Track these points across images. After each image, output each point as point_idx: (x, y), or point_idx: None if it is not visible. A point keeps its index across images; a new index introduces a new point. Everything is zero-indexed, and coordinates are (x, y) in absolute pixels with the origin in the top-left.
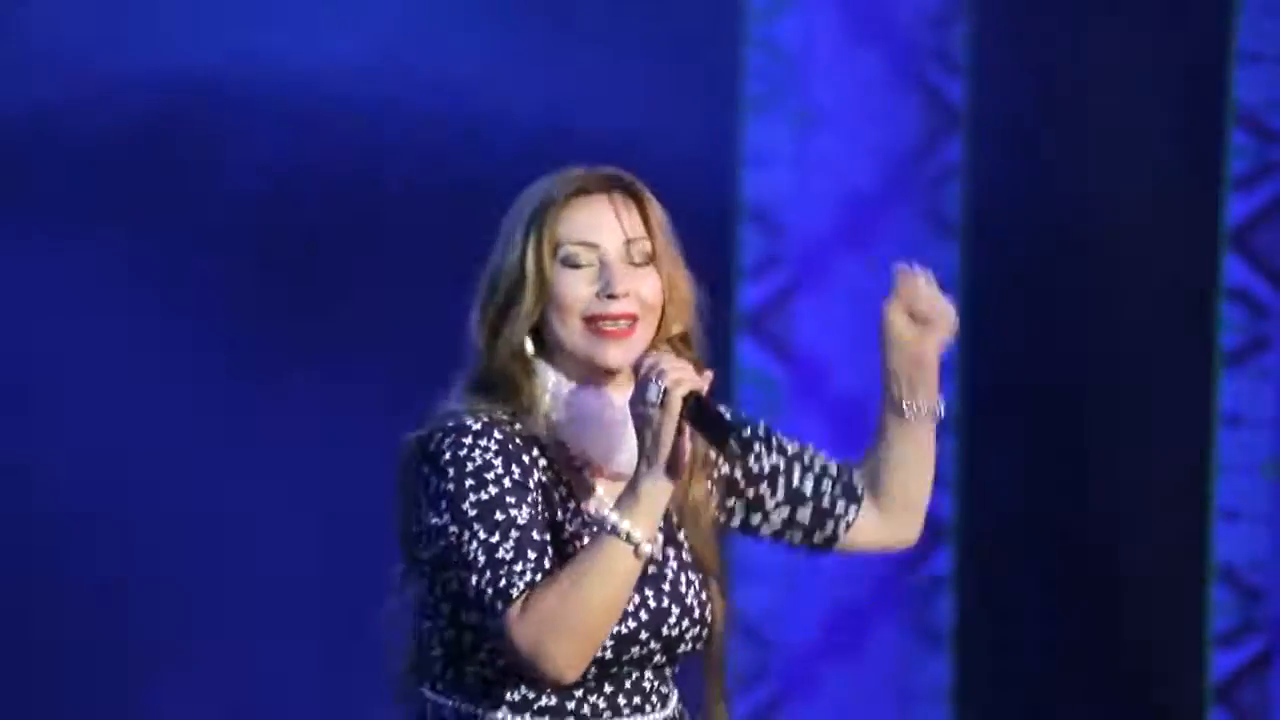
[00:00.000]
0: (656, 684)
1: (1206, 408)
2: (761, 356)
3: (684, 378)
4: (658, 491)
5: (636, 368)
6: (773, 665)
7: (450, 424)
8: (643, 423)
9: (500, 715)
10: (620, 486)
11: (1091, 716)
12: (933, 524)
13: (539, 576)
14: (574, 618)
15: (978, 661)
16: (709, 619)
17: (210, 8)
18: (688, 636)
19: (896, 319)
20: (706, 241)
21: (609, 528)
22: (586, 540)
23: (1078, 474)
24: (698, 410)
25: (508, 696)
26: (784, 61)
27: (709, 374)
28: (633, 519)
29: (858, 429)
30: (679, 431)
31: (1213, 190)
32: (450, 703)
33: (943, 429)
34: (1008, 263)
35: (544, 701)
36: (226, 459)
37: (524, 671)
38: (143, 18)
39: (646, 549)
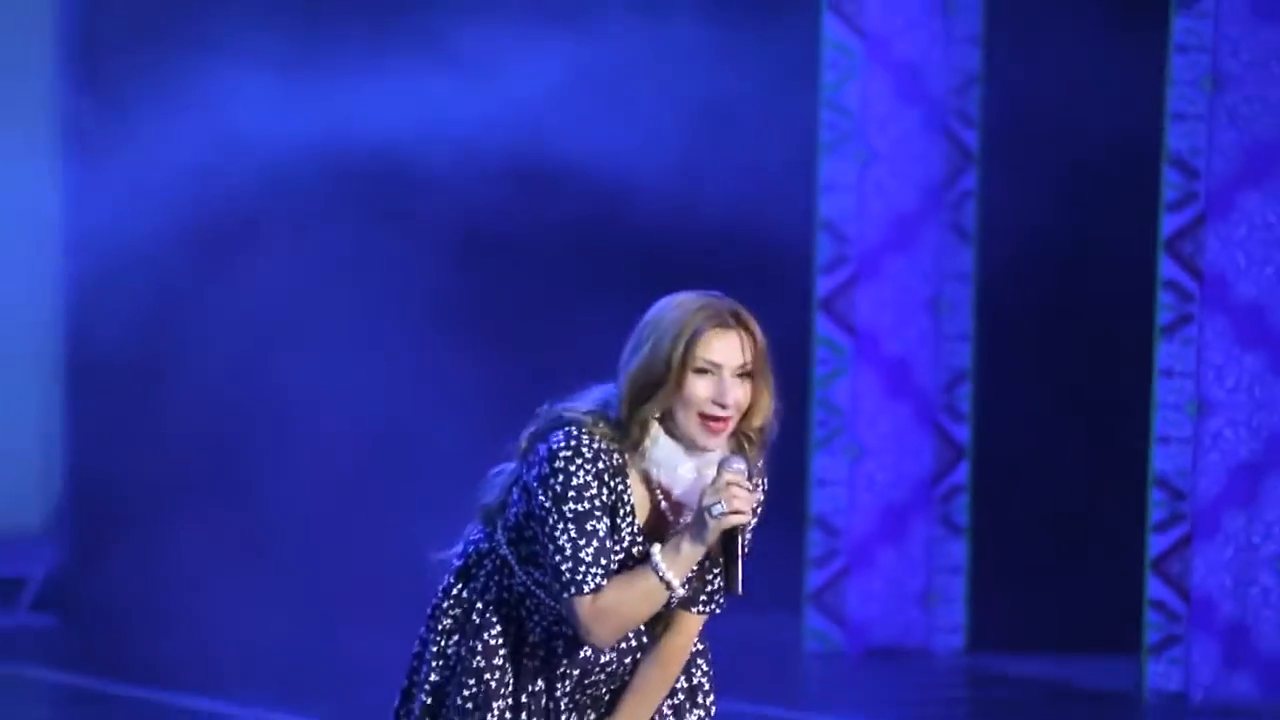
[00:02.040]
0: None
1: (1149, 364)
2: (833, 328)
3: (742, 513)
4: (694, 555)
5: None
6: (840, 548)
7: (576, 433)
8: (701, 516)
9: (527, 618)
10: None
11: (1068, 584)
12: (956, 447)
13: (606, 580)
14: (620, 616)
15: (985, 546)
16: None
17: (417, 94)
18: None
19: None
20: (795, 246)
21: (657, 570)
22: (636, 553)
23: (1061, 411)
24: (730, 539)
25: (545, 622)
26: (847, 117)
27: (759, 495)
28: (673, 569)
29: (901, 382)
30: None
31: (1153, 211)
32: (503, 592)
33: (961, 377)
34: (1009, 262)
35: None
36: (415, 396)
37: (577, 634)
38: (371, 100)
39: (677, 589)
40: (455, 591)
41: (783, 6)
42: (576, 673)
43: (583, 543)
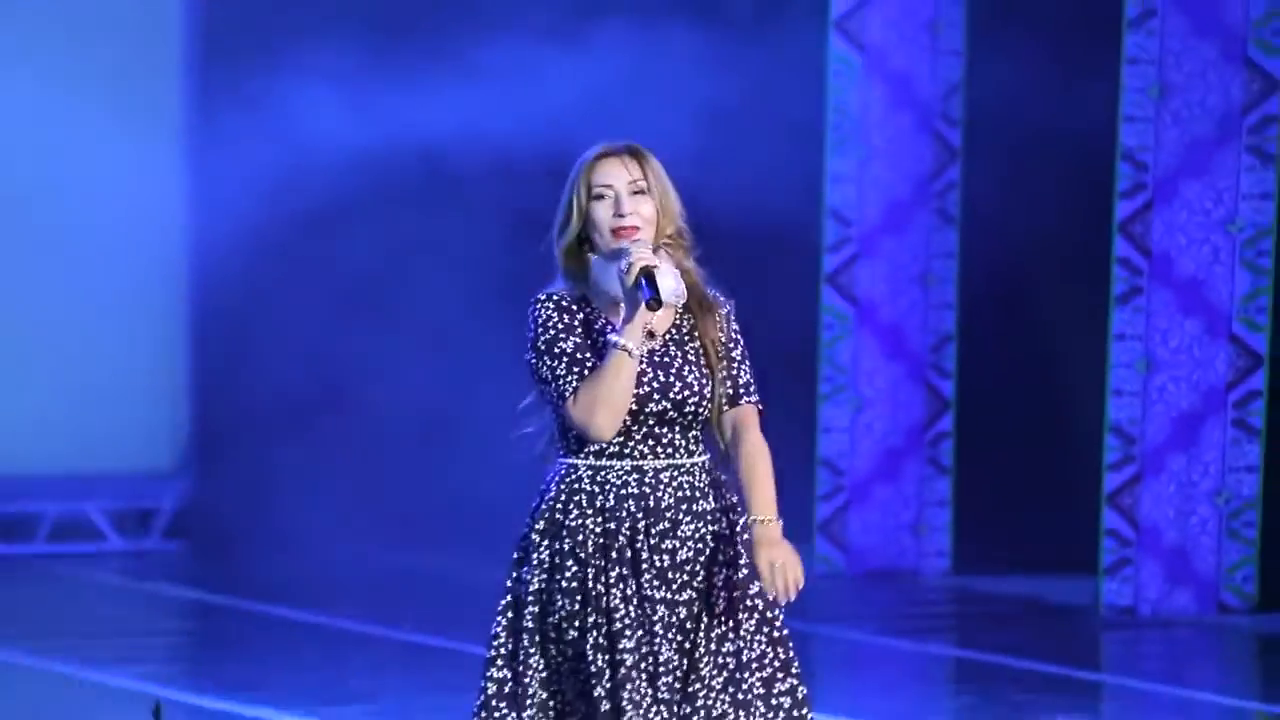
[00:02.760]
0: (682, 441)
1: (1105, 328)
2: (837, 299)
3: (638, 260)
4: (638, 318)
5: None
6: (844, 485)
7: (537, 297)
8: (622, 285)
9: (586, 459)
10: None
11: (1036, 515)
12: (942, 399)
13: (580, 381)
14: (604, 400)
15: (967, 484)
16: (705, 393)
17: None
18: (689, 401)
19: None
20: (805, 229)
21: (613, 344)
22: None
23: (1031, 369)
24: (650, 279)
25: (591, 449)
26: (850, 120)
27: (723, 306)
28: (626, 336)
29: (895, 344)
30: (646, 284)
31: (1108, 198)
32: (566, 458)
33: (947, 340)
34: (989, 239)
35: (611, 449)
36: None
37: (584, 437)
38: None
39: (633, 350)
40: (534, 506)
41: (794, 25)
42: (652, 526)
43: (555, 363)
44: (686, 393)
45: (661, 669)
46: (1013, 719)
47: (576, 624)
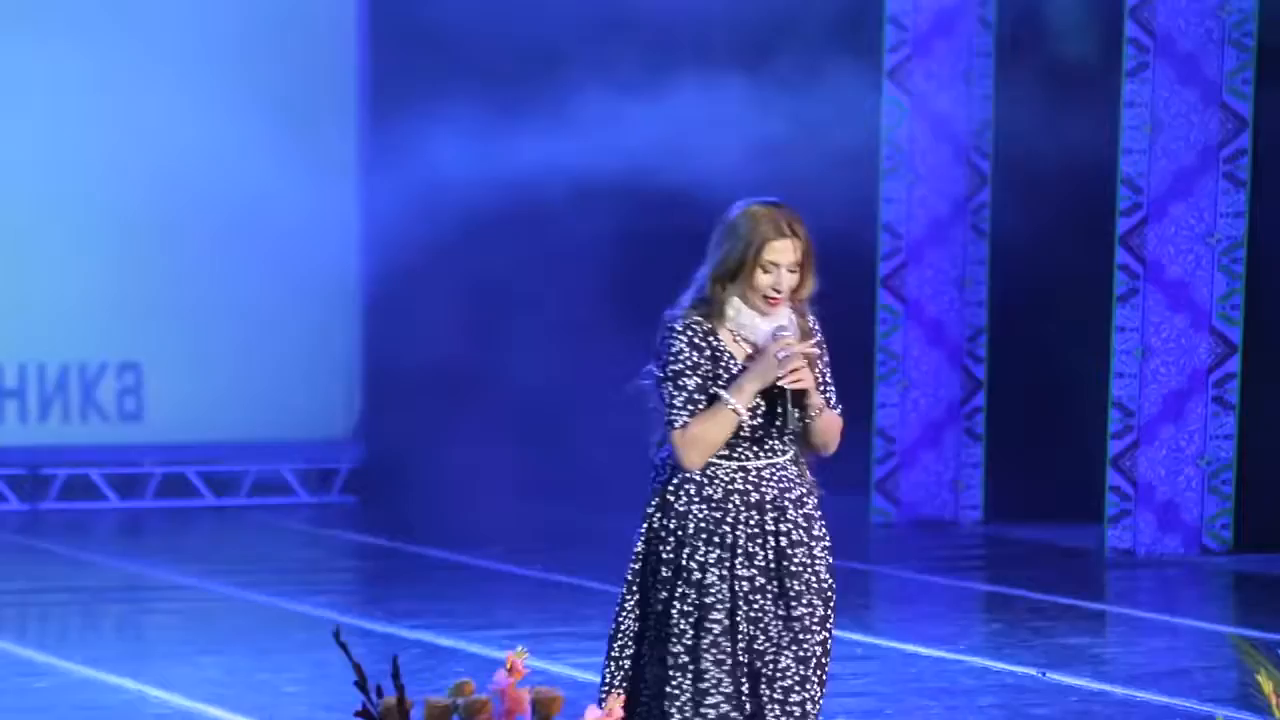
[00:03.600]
0: (779, 444)
1: (1109, 322)
2: (890, 298)
3: (801, 381)
4: (752, 390)
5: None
6: (895, 450)
7: (674, 320)
8: (762, 364)
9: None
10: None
11: (1053, 475)
12: (976, 380)
13: (691, 417)
14: (703, 440)
15: (996, 449)
16: (810, 413)
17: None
18: (790, 423)
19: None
20: (863, 241)
21: (726, 402)
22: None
23: (1049, 355)
24: (792, 392)
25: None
26: (900, 152)
27: (816, 337)
28: (738, 399)
29: (937, 335)
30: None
31: (1110, 216)
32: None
33: (980, 331)
34: (1013, 250)
35: (721, 450)
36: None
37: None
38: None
39: (742, 413)
40: (652, 479)
41: (856, 75)
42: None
43: (676, 393)
44: (793, 412)
45: (740, 637)
46: (1033, 641)
47: (665, 590)
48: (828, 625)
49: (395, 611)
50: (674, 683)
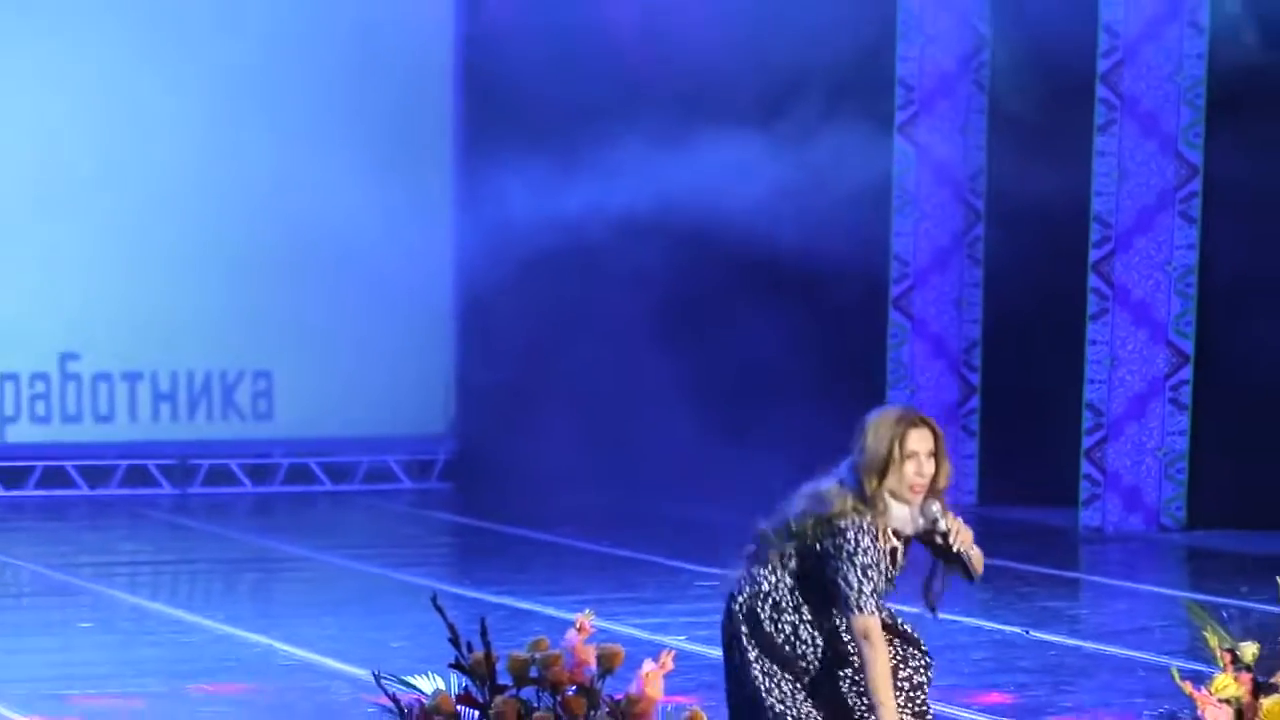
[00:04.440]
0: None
1: (1083, 336)
2: (899, 317)
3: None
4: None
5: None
6: None
7: (858, 521)
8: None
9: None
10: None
11: (1037, 465)
12: (971, 386)
13: (871, 601)
14: (876, 645)
15: (988, 444)
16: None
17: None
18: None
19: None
20: (878, 268)
21: (880, 706)
22: (889, 577)
23: (1033, 365)
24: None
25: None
26: (907, 193)
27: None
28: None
29: (939, 348)
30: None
31: (1084, 247)
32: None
33: (974, 345)
34: (1003, 276)
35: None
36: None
37: (851, 636)
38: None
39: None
40: (745, 632)
41: (871, 129)
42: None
43: (862, 579)
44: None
45: None
46: (1018, 604)
47: None
48: None
49: (482, 580)
50: None
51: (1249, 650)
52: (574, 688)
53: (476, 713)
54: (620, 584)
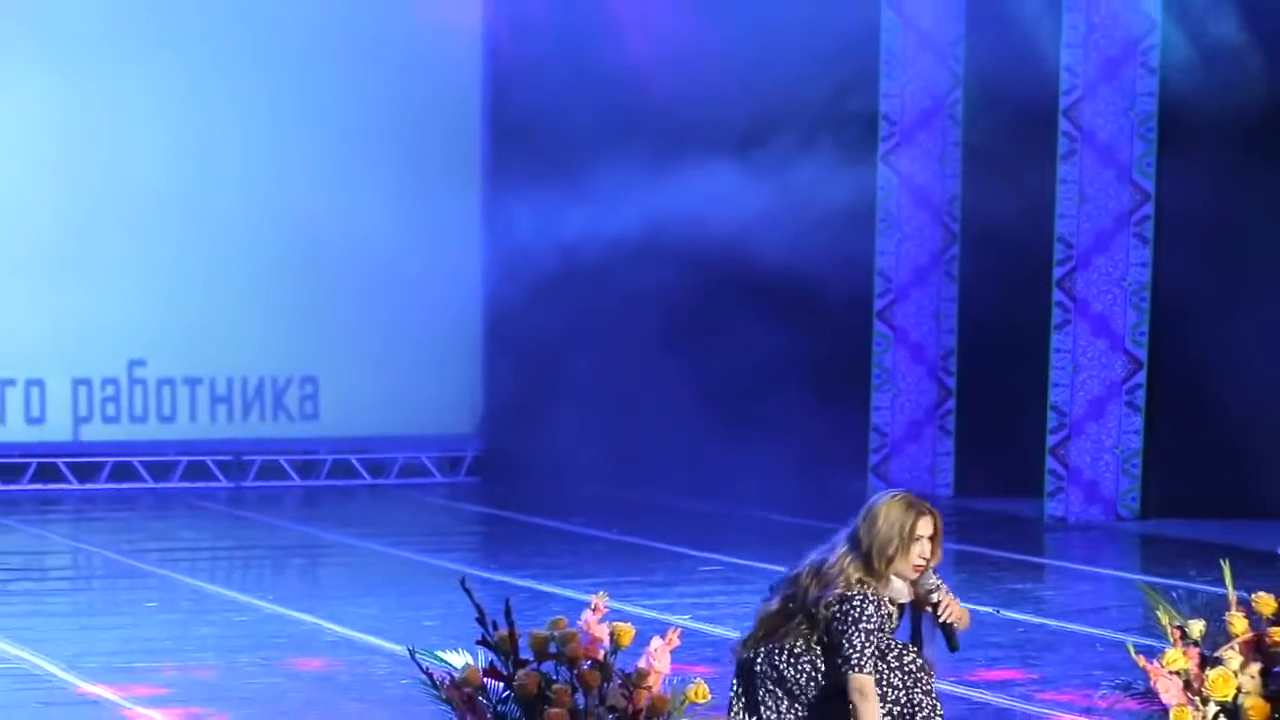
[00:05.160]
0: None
1: (1048, 345)
2: (883, 327)
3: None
4: None
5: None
6: (888, 443)
7: (864, 592)
8: (923, 606)
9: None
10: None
11: (1007, 461)
12: (947, 389)
13: (868, 664)
14: (868, 700)
15: (963, 442)
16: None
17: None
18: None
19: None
20: (863, 283)
21: None
22: (893, 644)
23: (1001, 372)
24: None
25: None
26: (891, 216)
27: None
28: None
29: (918, 355)
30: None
31: (1049, 264)
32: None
33: (950, 353)
34: (976, 291)
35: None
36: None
37: (844, 690)
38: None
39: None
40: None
41: (857, 158)
42: None
43: (865, 642)
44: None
45: None
46: (991, 587)
47: None
48: None
49: (507, 564)
50: None
51: (1196, 627)
52: (589, 662)
53: (501, 685)
54: (631, 568)
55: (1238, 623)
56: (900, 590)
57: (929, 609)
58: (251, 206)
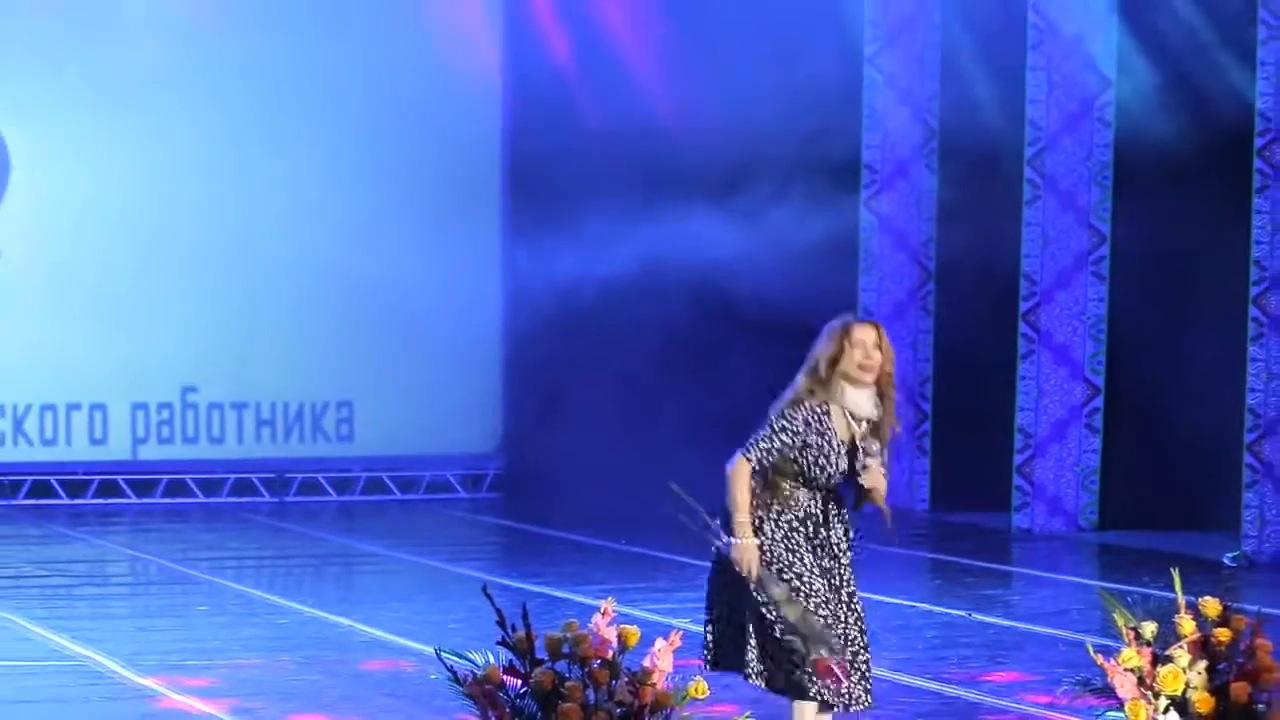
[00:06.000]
0: (834, 508)
1: (1014, 372)
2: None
3: (870, 481)
4: (745, 541)
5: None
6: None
7: (808, 403)
8: (747, 556)
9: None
10: (859, 426)
11: (977, 477)
12: (924, 413)
13: (755, 461)
14: (735, 485)
15: (939, 460)
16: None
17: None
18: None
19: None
20: (848, 299)
21: (742, 530)
22: (834, 460)
23: (972, 398)
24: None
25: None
26: (872, 255)
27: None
28: (742, 537)
29: (897, 383)
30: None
31: (1015, 299)
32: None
33: (927, 380)
34: (949, 324)
35: (787, 484)
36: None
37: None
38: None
39: (738, 542)
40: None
41: (841, 203)
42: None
43: (765, 439)
44: (840, 473)
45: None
46: (962, 593)
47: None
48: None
49: (525, 572)
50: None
51: (1149, 629)
52: (599, 661)
53: (519, 682)
54: (637, 576)
55: (1186, 624)
56: (859, 403)
57: (858, 465)
58: (292, 249)
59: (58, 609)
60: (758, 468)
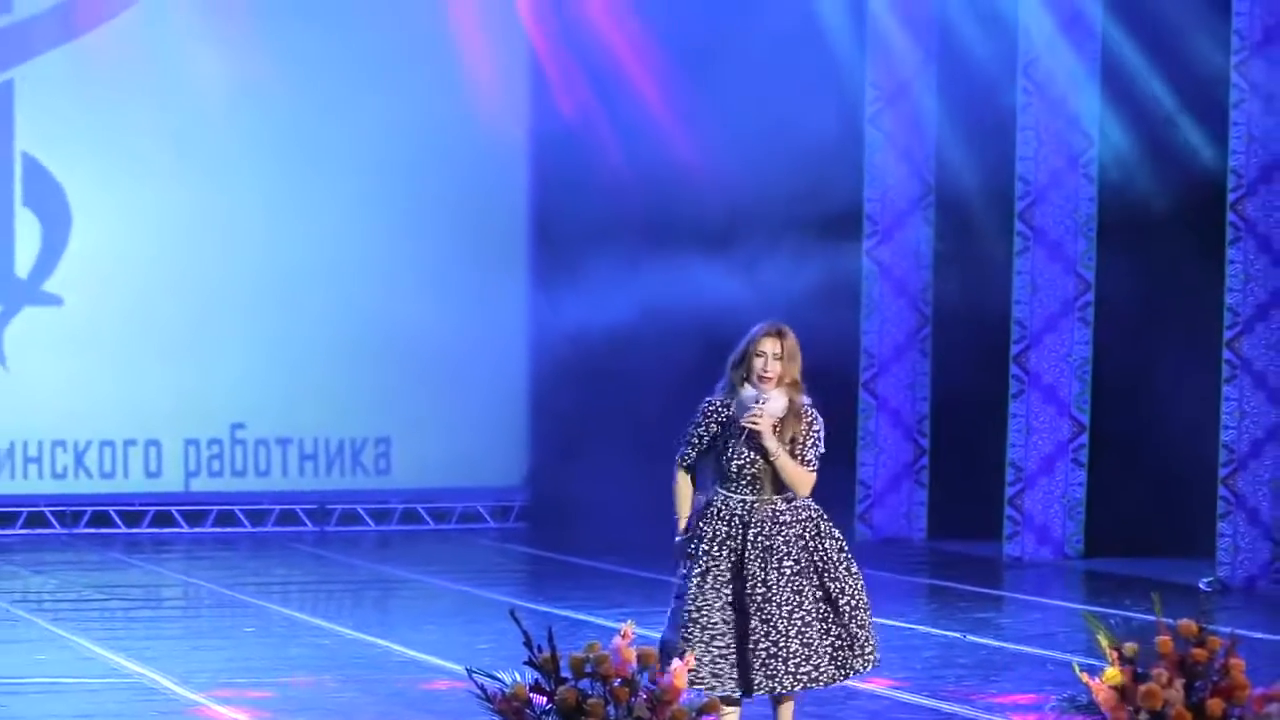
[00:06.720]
0: (762, 485)
1: (1005, 410)
2: (868, 396)
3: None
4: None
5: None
6: (871, 494)
7: (714, 400)
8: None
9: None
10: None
11: (970, 507)
12: (922, 448)
13: (689, 461)
14: (676, 490)
15: (936, 493)
16: (773, 467)
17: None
18: (763, 468)
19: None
20: (850, 359)
21: (678, 540)
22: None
23: (969, 434)
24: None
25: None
26: (873, 301)
27: (815, 422)
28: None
29: (896, 420)
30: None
31: (1006, 343)
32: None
33: (924, 417)
34: (947, 367)
35: (717, 487)
36: None
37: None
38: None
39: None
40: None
41: (843, 251)
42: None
43: (692, 434)
44: (760, 461)
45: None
46: (958, 614)
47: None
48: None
49: (550, 597)
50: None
51: (1130, 649)
52: (619, 680)
53: (545, 699)
54: (655, 600)
55: (1165, 645)
56: (741, 399)
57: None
58: (334, 297)
59: (116, 630)
60: (686, 465)
